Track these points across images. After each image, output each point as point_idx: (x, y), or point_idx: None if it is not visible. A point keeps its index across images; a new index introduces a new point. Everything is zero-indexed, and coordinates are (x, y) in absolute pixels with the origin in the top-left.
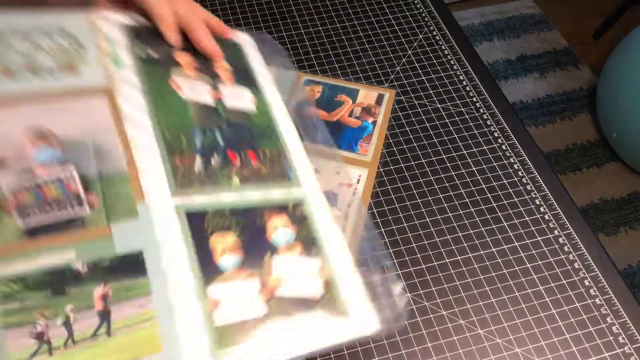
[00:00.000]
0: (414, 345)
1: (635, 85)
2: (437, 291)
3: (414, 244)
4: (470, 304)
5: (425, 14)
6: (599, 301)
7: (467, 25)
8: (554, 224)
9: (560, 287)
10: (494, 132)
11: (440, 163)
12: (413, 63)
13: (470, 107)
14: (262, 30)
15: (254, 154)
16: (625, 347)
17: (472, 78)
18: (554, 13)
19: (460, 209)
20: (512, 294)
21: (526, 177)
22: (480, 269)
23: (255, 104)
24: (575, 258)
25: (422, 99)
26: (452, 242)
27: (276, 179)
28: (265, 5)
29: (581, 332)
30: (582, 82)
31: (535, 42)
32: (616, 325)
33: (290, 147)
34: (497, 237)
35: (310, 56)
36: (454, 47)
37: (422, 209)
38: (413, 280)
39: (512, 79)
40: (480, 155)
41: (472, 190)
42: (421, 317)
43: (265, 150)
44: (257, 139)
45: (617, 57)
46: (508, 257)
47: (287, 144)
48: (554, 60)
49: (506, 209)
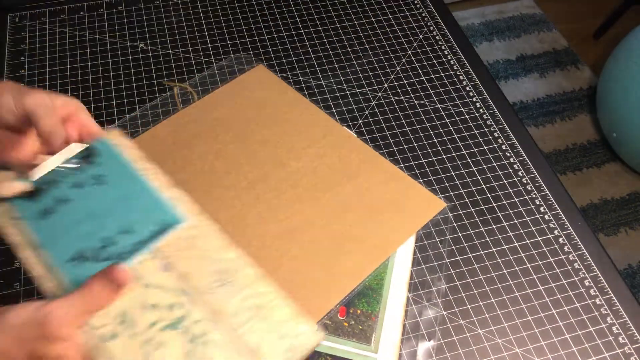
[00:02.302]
0: (415, 345)
1: (635, 85)
2: (437, 291)
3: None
4: (470, 304)
5: (425, 14)
6: (599, 301)
7: (467, 25)
8: (554, 224)
9: (560, 287)
10: (494, 132)
11: (440, 163)
12: (413, 63)
13: (470, 107)
14: (262, 30)
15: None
16: (625, 347)
17: (472, 78)
18: (554, 13)
19: (460, 209)
20: (512, 294)
21: (526, 177)
22: (480, 269)
23: None
24: (575, 258)
25: (422, 99)
26: (452, 242)
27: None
28: (266, 6)
29: (581, 332)
30: (582, 82)
31: (535, 42)
32: (616, 325)
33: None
34: (497, 237)
35: (310, 56)
36: (454, 47)
37: None
38: (413, 280)
39: (512, 79)
40: (480, 155)
41: (472, 190)
42: (421, 317)
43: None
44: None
45: (617, 57)
46: (508, 257)
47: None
48: (554, 60)
49: (506, 209)
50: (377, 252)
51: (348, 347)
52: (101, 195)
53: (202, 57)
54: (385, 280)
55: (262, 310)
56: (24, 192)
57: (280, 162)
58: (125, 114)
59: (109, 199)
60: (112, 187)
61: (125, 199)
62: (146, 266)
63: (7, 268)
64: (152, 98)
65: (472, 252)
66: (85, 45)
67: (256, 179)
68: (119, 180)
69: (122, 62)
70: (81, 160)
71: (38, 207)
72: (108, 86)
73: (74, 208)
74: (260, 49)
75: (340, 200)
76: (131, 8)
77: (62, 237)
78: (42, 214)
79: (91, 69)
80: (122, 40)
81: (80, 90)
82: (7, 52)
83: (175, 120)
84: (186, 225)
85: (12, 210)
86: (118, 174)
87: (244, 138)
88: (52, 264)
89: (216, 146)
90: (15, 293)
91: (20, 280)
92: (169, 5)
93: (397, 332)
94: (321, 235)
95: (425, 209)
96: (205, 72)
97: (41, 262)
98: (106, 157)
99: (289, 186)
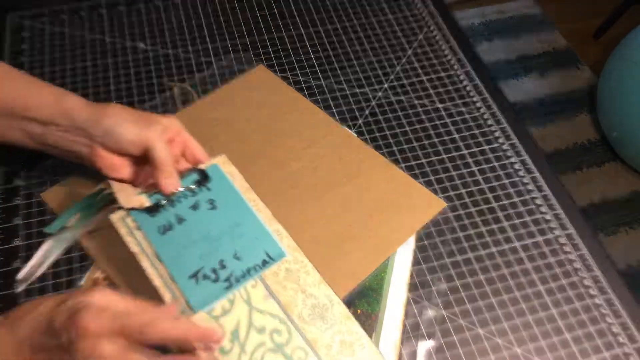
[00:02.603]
0: (415, 345)
1: (635, 85)
2: (437, 291)
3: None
4: (470, 303)
5: (425, 14)
6: (598, 301)
7: (467, 25)
8: (554, 224)
9: (560, 287)
10: (495, 131)
11: (440, 163)
12: (413, 63)
13: (470, 107)
14: (263, 30)
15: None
16: (625, 347)
17: (472, 78)
18: (554, 13)
19: (461, 209)
20: (512, 294)
21: (527, 177)
22: (480, 269)
23: None
24: (575, 258)
25: (422, 99)
26: (452, 242)
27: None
28: (266, 6)
29: (581, 331)
30: (582, 82)
31: (535, 42)
32: (616, 325)
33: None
34: (498, 237)
35: (310, 56)
36: (454, 47)
37: None
38: (413, 280)
39: (513, 79)
40: (480, 155)
41: (472, 190)
42: (421, 317)
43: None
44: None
45: (617, 57)
46: (508, 257)
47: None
48: (554, 60)
49: (506, 209)
50: (377, 251)
51: None
52: (214, 220)
53: (202, 57)
54: (385, 280)
55: (350, 347)
56: (145, 207)
57: (280, 163)
58: None
59: (222, 224)
60: (224, 213)
61: (236, 226)
62: (253, 292)
63: (7, 268)
64: (152, 98)
65: (473, 252)
66: (85, 45)
67: (256, 180)
68: (230, 207)
69: (122, 62)
70: (196, 182)
71: (158, 223)
72: (108, 86)
73: (190, 228)
74: (260, 49)
75: (340, 200)
76: (131, 8)
77: (181, 254)
78: (162, 229)
79: (91, 69)
80: (122, 40)
81: (80, 90)
82: (7, 52)
83: None
84: (287, 259)
85: (134, 221)
86: (229, 201)
87: (244, 138)
88: (172, 278)
89: (216, 146)
90: (15, 293)
91: None
92: (169, 5)
93: (397, 331)
94: (321, 235)
95: (425, 208)
96: (205, 72)
97: (160, 274)
98: (218, 182)
99: (289, 186)
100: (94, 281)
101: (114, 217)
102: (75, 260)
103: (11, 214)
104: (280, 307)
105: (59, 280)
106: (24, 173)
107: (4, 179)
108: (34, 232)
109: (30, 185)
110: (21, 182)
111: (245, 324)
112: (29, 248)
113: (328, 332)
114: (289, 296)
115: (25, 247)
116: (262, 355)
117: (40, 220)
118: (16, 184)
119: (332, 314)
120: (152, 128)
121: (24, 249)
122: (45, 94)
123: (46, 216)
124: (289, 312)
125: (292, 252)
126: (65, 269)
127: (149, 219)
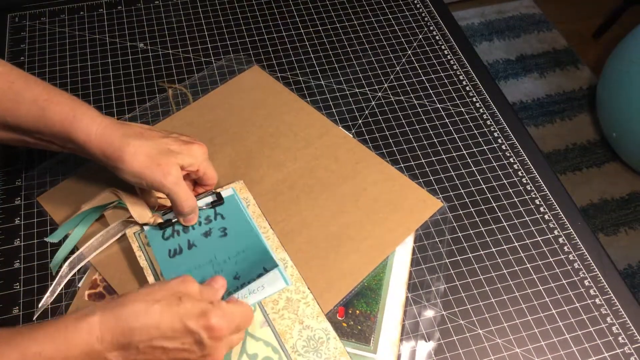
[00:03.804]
0: (414, 345)
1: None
2: (436, 291)
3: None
4: (470, 304)
5: (425, 14)
6: (599, 301)
7: (467, 25)
8: (554, 224)
9: (560, 287)
10: (494, 132)
11: (439, 163)
12: (413, 63)
13: (470, 107)
14: (262, 30)
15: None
16: (625, 347)
17: (472, 78)
18: (554, 13)
19: (460, 209)
20: (512, 294)
21: (526, 177)
22: (480, 269)
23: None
24: (575, 258)
25: (422, 99)
26: (452, 242)
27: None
28: (266, 6)
29: (581, 332)
30: (582, 82)
31: (535, 42)
32: (616, 325)
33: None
34: (497, 237)
35: (310, 56)
36: (453, 47)
37: None
38: (412, 280)
39: (512, 79)
40: (480, 155)
41: (471, 190)
42: (420, 317)
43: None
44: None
45: (617, 57)
46: (508, 257)
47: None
48: (554, 60)
49: (506, 209)
50: (375, 252)
51: (347, 348)
52: (223, 246)
53: (202, 57)
54: (384, 281)
55: None
56: (158, 223)
57: (276, 163)
58: (125, 114)
59: (230, 250)
60: (233, 241)
61: (243, 251)
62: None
63: (7, 268)
64: (151, 98)
65: (472, 252)
66: (85, 45)
67: (252, 181)
68: (240, 234)
69: (122, 62)
70: (211, 203)
71: (168, 246)
72: (108, 86)
73: (198, 254)
74: (260, 48)
75: (337, 200)
76: (131, 8)
77: (182, 271)
78: (172, 253)
79: (91, 69)
80: (122, 40)
81: (80, 90)
82: (7, 52)
83: (170, 123)
84: (288, 287)
85: (145, 237)
86: (240, 228)
87: (240, 139)
88: None
89: (212, 148)
90: (15, 293)
91: (20, 281)
92: (169, 5)
93: (396, 332)
94: (319, 236)
95: (423, 208)
96: (204, 72)
97: None
98: (232, 207)
99: (285, 187)
100: (93, 282)
101: (129, 231)
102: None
103: (11, 214)
104: (276, 335)
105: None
106: (24, 174)
107: (4, 179)
108: (34, 232)
109: (30, 185)
110: (21, 182)
111: (238, 350)
112: (29, 248)
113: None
114: (285, 325)
115: (26, 247)
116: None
117: (40, 221)
118: (16, 184)
119: (327, 348)
120: (168, 178)
121: (24, 249)
122: (58, 116)
123: (46, 217)
124: (284, 342)
125: (295, 281)
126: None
127: (160, 240)
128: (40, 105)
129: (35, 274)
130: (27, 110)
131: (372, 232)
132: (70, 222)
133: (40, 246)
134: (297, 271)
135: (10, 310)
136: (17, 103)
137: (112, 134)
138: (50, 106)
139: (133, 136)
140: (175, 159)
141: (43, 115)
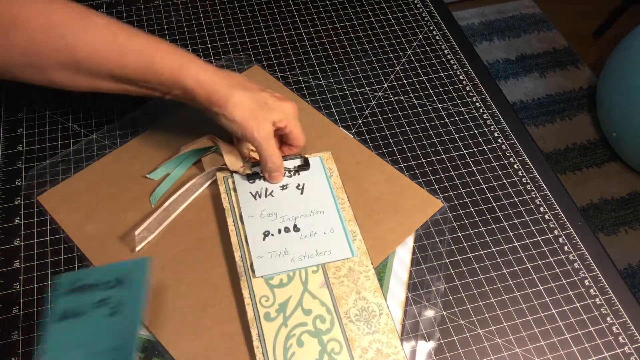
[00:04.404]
0: (414, 345)
1: (635, 85)
2: (436, 291)
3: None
4: (470, 304)
5: (425, 13)
6: (599, 301)
7: (467, 25)
8: (554, 224)
9: (560, 287)
10: (494, 132)
11: (439, 163)
12: (413, 63)
13: (470, 107)
14: (262, 30)
15: None
16: (625, 347)
17: (472, 78)
18: (554, 13)
19: (460, 209)
20: (512, 294)
21: (526, 177)
22: (480, 269)
23: None
24: (575, 258)
25: (422, 99)
26: (452, 242)
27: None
28: (266, 6)
29: (581, 332)
30: (582, 82)
31: (535, 41)
32: (616, 325)
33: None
34: (497, 237)
35: (310, 56)
36: (454, 47)
37: None
38: (412, 280)
39: (512, 79)
40: (480, 155)
41: (471, 190)
42: (420, 317)
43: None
44: None
45: (617, 57)
46: (508, 257)
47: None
48: (554, 60)
49: (506, 209)
50: (375, 252)
51: None
52: (297, 202)
53: (202, 56)
54: (384, 281)
55: (385, 359)
56: (246, 173)
57: None
58: (125, 114)
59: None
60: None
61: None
62: (312, 277)
63: (7, 268)
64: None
65: (472, 252)
66: None
67: None
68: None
69: None
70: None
71: (252, 189)
72: None
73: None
74: (260, 48)
75: None
76: (131, 8)
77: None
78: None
79: None
80: None
81: None
82: None
83: (169, 123)
84: (353, 258)
85: (233, 182)
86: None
87: None
88: (246, 240)
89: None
90: (16, 293)
91: (20, 281)
92: (169, 5)
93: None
94: None
95: (423, 208)
96: None
97: (237, 233)
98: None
99: None
100: None
101: (219, 174)
102: (74, 261)
103: (11, 214)
104: (332, 298)
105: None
106: (24, 174)
107: (4, 179)
108: (34, 232)
109: (30, 185)
110: (21, 182)
111: (295, 302)
112: (29, 248)
113: (368, 337)
114: (343, 292)
115: (26, 247)
116: (300, 334)
117: (40, 221)
118: (16, 184)
119: (378, 322)
120: (261, 132)
121: (24, 249)
122: (167, 65)
123: (46, 217)
124: (338, 306)
125: (360, 254)
126: (65, 268)
127: (245, 184)
128: (147, 55)
129: (35, 273)
130: (134, 61)
131: (372, 232)
132: (171, 162)
133: (40, 246)
134: (365, 245)
135: (10, 310)
136: (123, 54)
137: (219, 82)
138: (158, 55)
139: (237, 87)
140: (269, 115)
141: (151, 64)
